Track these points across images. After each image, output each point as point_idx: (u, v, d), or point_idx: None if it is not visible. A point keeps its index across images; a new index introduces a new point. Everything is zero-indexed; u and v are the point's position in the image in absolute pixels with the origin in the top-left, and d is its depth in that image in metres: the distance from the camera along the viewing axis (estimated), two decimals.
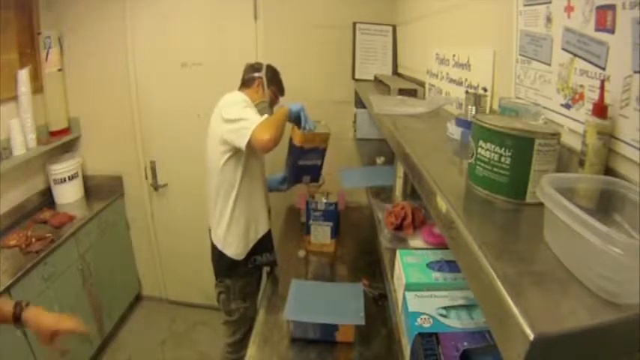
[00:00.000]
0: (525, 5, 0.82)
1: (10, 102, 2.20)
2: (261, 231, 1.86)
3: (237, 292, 1.83)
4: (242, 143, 1.57)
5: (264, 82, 1.84)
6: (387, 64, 2.40)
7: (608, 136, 0.56)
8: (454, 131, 0.93)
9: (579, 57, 0.65)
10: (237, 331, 1.88)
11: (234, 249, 1.78)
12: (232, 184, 1.72)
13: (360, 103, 2.21)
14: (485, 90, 1.04)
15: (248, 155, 1.69)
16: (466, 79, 1.16)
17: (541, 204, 0.47)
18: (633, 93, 0.53)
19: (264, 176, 1.94)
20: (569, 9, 0.68)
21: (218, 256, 1.80)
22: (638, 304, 0.36)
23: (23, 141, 2.23)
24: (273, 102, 1.90)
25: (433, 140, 0.94)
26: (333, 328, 1.46)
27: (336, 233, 2.13)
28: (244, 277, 1.84)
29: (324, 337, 1.47)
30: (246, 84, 1.85)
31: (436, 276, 0.88)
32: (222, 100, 1.73)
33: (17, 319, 1.21)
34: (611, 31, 0.57)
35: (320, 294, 1.60)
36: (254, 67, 1.87)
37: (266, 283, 1.91)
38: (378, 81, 2.12)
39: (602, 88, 0.57)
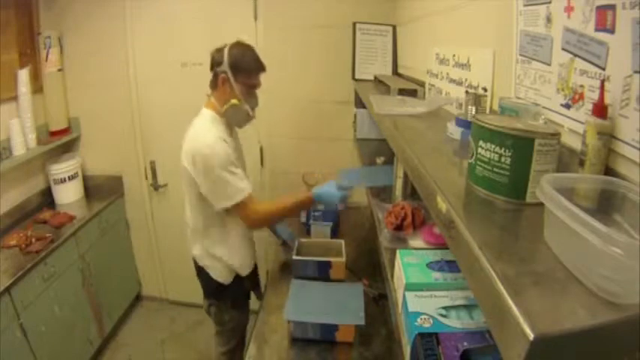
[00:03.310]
0: (525, 5, 0.82)
1: (10, 102, 2.20)
2: (245, 270, 1.74)
3: (230, 305, 1.76)
4: (220, 205, 1.51)
5: (230, 76, 1.53)
6: (387, 64, 2.40)
7: (608, 136, 0.56)
8: (454, 131, 0.93)
9: (579, 57, 0.65)
10: (230, 339, 1.81)
11: (222, 274, 1.69)
12: (211, 219, 1.61)
13: (360, 103, 2.21)
14: (485, 90, 1.04)
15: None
16: (466, 79, 1.16)
17: (541, 204, 0.47)
18: (633, 93, 0.53)
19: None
20: (569, 9, 0.68)
21: (205, 277, 1.71)
22: (638, 304, 0.36)
23: (23, 141, 2.23)
24: (247, 93, 1.59)
25: (433, 140, 0.94)
26: (333, 328, 1.46)
27: (336, 233, 2.13)
28: (235, 295, 1.76)
29: (324, 337, 1.47)
30: (213, 85, 1.60)
31: (436, 276, 0.87)
32: (192, 132, 1.55)
33: None
34: (611, 31, 0.57)
35: (320, 294, 1.60)
36: (215, 59, 1.56)
37: (266, 284, 1.91)
38: (378, 81, 2.12)
39: (602, 88, 0.57)
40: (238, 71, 1.54)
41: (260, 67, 1.59)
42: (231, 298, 1.74)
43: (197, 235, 1.66)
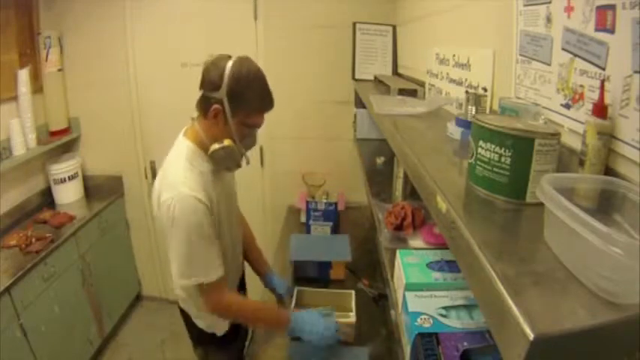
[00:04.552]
0: (525, 5, 0.82)
1: (10, 102, 2.20)
2: (220, 331, 1.41)
3: (215, 349, 1.46)
4: (178, 281, 1.23)
5: (227, 109, 1.17)
6: (387, 64, 2.40)
7: (608, 136, 0.56)
8: (454, 131, 0.93)
9: (579, 57, 0.65)
10: None
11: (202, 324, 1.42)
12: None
13: (360, 103, 2.21)
14: (485, 90, 1.04)
15: None
16: (466, 79, 1.16)
17: (541, 204, 0.47)
18: (633, 93, 0.53)
19: (234, 252, 1.47)
20: (569, 9, 0.68)
21: (187, 318, 1.46)
22: (638, 304, 0.36)
23: (23, 141, 2.23)
24: (244, 133, 1.25)
25: (433, 140, 0.94)
26: None
27: (336, 233, 2.13)
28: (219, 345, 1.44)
29: None
30: (201, 111, 1.23)
31: (436, 276, 0.87)
32: (164, 173, 1.22)
33: None
34: (611, 31, 0.57)
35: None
36: (210, 78, 1.17)
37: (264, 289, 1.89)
38: (378, 81, 2.12)
39: (602, 88, 0.57)
40: (239, 106, 1.19)
41: (268, 105, 1.24)
42: (219, 345, 1.45)
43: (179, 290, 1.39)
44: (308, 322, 1.31)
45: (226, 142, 1.21)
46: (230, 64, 1.17)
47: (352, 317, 1.45)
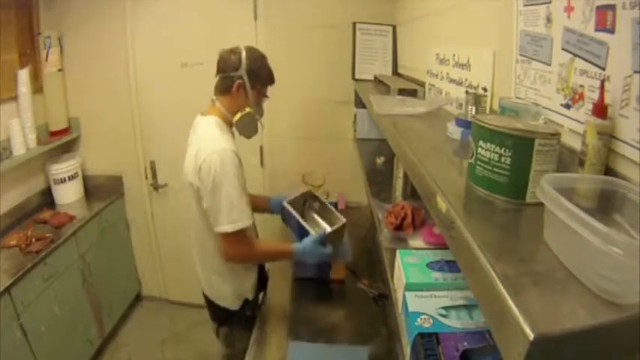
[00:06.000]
0: (525, 5, 0.82)
1: (10, 102, 2.20)
2: (251, 293, 1.62)
3: (241, 327, 1.61)
4: (221, 228, 1.36)
5: (246, 82, 1.46)
6: (387, 64, 2.40)
7: (608, 136, 0.56)
8: (454, 131, 0.93)
9: (579, 57, 0.65)
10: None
11: (231, 302, 1.58)
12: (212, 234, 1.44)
13: (360, 103, 2.21)
14: (485, 90, 1.04)
15: None
16: (466, 79, 1.16)
17: (541, 204, 0.47)
18: (633, 93, 0.53)
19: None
20: (569, 9, 0.68)
21: (213, 306, 1.62)
22: (638, 304, 0.36)
23: (23, 141, 2.23)
24: (259, 100, 1.55)
25: (433, 140, 0.94)
26: None
27: None
28: (245, 318, 1.61)
29: None
30: (223, 90, 1.49)
31: (436, 276, 0.88)
32: (199, 142, 1.40)
33: None
34: (611, 31, 0.57)
35: None
36: (230, 62, 1.45)
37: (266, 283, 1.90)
38: (378, 81, 2.12)
39: (602, 88, 0.57)
40: (256, 79, 1.48)
41: (273, 79, 1.55)
42: (242, 321, 1.62)
43: (205, 263, 1.56)
44: (308, 252, 1.50)
45: (248, 109, 1.49)
46: (244, 49, 1.48)
47: (340, 221, 1.65)
